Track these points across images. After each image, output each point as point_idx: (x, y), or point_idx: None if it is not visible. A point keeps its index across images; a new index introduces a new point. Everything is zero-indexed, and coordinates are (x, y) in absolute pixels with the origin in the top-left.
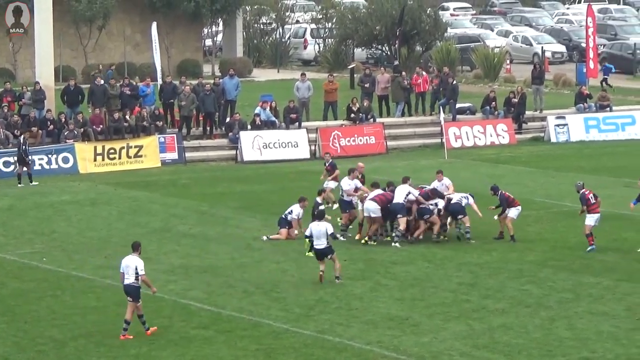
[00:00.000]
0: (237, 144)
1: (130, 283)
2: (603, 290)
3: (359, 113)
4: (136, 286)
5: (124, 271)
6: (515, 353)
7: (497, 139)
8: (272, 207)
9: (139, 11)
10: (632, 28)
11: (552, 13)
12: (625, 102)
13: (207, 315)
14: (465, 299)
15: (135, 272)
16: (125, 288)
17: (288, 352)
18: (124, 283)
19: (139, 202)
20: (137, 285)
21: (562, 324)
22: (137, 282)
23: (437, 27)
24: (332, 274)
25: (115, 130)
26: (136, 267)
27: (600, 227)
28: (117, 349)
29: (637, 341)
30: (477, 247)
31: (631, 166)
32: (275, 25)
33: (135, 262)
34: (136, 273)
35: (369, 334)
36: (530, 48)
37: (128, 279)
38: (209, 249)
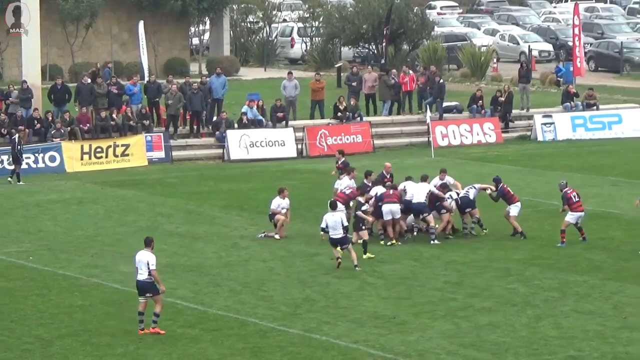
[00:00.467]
0: (224, 143)
1: (144, 279)
2: (589, 288)
3: (345, 112)
4: (151, 281)
5: (137, 266)
6: (502, 352)
7: (484, 137)
8: (259, 205)
9: (126, 10)
10: (618, 27)
11: (539, 12)
12: (612, 101)
13: (193, 314)
14: (452, 297)
15: (148, 267)
16: (139, 284)
17: (274, 351)
18: (138, 279)
19: (126, 201)
20: (151, 280)
21: (548, 322)
22: (150, 277)
23: (424, 25)
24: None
25: (102, 129)
26: (148, 262)
27: (586, 225)
28: (104, 348)
29: (623, 340)
30: (464, 245)
31: (618, 165)
32: (262, 23)
33: (148, 257)
34: (149, 268)
35: (355, 332)
36: (517, 47)
37: (142, 274)
38: (196, 247)
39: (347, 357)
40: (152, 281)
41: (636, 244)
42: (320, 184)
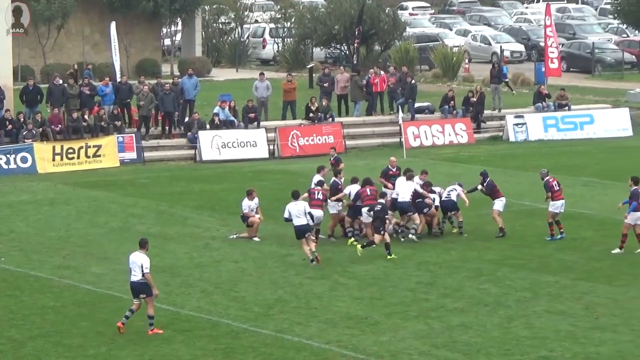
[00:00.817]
0: (196, 144)
1: (138, 280)
2: (561, 289)
3: (317, 112)
4: (144, 282)
5: (131, 267)
6: (474, 352)
7: (456, 138)
8: (231, 206)
9: (98, 11)
10: (590, 27)
11: (510, 12)
12: (584, 102)
13: (165, 315)
14: (424, 298)
15: (142, 269)
16: (133, 285)
17: (247, 352)
18: (132, 280)
19: (98, 201)
20: (145, 281)
21: (520, 322)
22: (144, 278)
23: (395, 26)
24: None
25: (74, 130)
26: (142, 264)
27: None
28: (76, 349)
29: (595, 340)
30: (436, 246)
31: (590, 165)
32: (234, 24)
33: (142, 259)
34: (142, 271)
35: (327, 333)
36: (488, 47)
37: (135, 276)
38: (168, 248)
39: (320, 358)
40: (146, 282)
41: (608, 244)
42: (292, 184)
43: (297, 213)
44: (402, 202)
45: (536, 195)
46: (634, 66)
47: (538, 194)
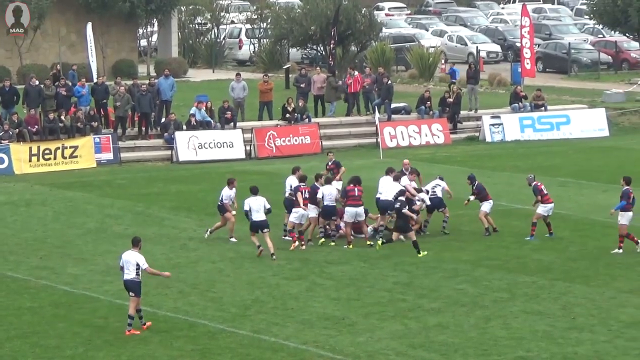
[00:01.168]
0: (173, 144)
1: (131, 279)
2: (538, 289)
3: (294, 113)
4: (137, 281)
5: (123, 265)
6: (451, 352)
7: (432, 138)
8: (208, 207)
9: (74, 11)
10: (566, 27)
11: (487, 13)
12: (560, 102)
13: (142, 316)
14: (401, 298)
15: (136, 268)
16: (126, 283)
17: (224, 352)
18: (124, 278)
19: (75, 202)
20: (138, 280)
21: (497, 323)
22: (137, 277)
23: (372, 27)
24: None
25: (50, 131)
26: (137, 262)
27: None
28: (53, 350)
29: (572, 340)
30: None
31: (566, 165)
32: (210, 25)
33: (136, 257)
34: (137, 269)
35: (305, 333)
36: (465, 48)
37: (128, 274)
38: (145, 249)
39: (297, 358)
40: (139, 281)
41: (584, 245)
42: (268, 185)
43: (256, 208)
44: (383, 201)
45: (513, 196)
46: (609, 67)
47: (515, 195)
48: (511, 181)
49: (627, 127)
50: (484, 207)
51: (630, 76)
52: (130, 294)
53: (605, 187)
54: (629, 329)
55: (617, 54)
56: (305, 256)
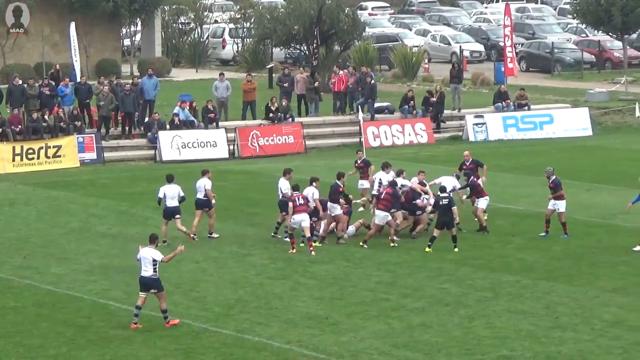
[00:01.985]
0: (156, 144)
1: (149, 276)
2: (522, 288)
3: (277, 113)
4: (155, 278)
5: (142, 263)
6: (435, 352)
7: (416, 138)
8: (191, 207)
9: (57, 11)
10: (549, 27)
11: (470, 12)
12: (544, 101)
13: (126, 315)
14: (385, 297)
15: (154, 264)
16: (144, 280)
17: (207, 352)
18: (142, 275)
19: (58, 202)
20: (156, 277)
21: (481, 322)
22: (155, 274)
23: (355, 26)
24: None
25: (33, 131)
26: (153, 259)
27: (518, 225)
28: (36, 349)
29: (555, 339)
30: (397, 246)
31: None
32: (193, 25)
33: (152, 253)
34: (154, 265)
35: (288, 333)
36: (448, 47)
37: (146, 271)
38: (129, 248)
39: (280, 358)
40: (157, 278)
41: (568, 244)
42: (251, 184)
43: (171, 195)
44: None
45: (496, 196)
46: (593, 66)
47: (498, 194)
48: (494, 180)
49: (611, 127)
50: (480, 204)
51: (614, 75)
52: (152, 291)
53: (589, 186)
54: (612, 328)
55: (601, 54)
56: (288, 256)
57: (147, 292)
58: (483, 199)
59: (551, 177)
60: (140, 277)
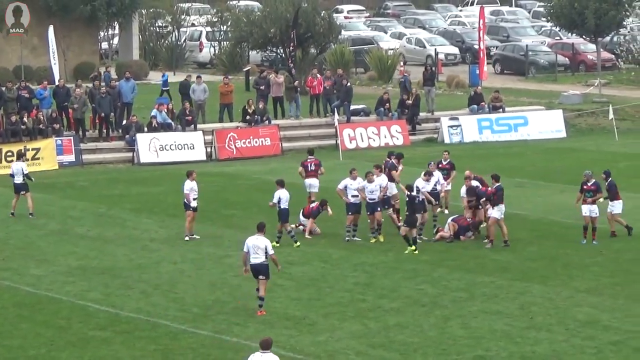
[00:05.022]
0: (134, 146)
1: (261, 262)
2: (496, 289)
3: (254, 115)
4: (266, 264)
5: (249, 251)
6: (411, 352)
7: (391, 140)
8: (169, 208)
9: (36, 15)
10: (524, 30)
11: (445, 15)
12: (518, 103)
13: (105, 316)
14: (361, 298)
15: (265, 251)
16: (256, 267)
17: (186, 353)
18: (253, 262)
19: (37, 204)
20: (266, 263)
21: (456, 322)
22: (266, 260)
23: (331, 29)
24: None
25: (12, 133)
26: (266, 247)
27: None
28: (16, 350)
29: (530, 339)
30: (373, 247)
31: (524, 166)
32: (170, 28)
33: (265, 242)
34: (266, 253)
35: (265, 333)
36: (423, 50)
37: (257, 258)
38: (107, 250)
39: None
40: (267, 264)
41: (542, 245)
42: (228, 186)
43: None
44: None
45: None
46: (567, 68)
47: None
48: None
49: (584, 129)
50: (494, 214)
51: (587, 78)
52: (260, 277)
53: (563, 187)
54: (585, 328)
55: (574, 56)
56: None
57: (257, 278)
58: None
59: (591, 180)
60: (252, 264)
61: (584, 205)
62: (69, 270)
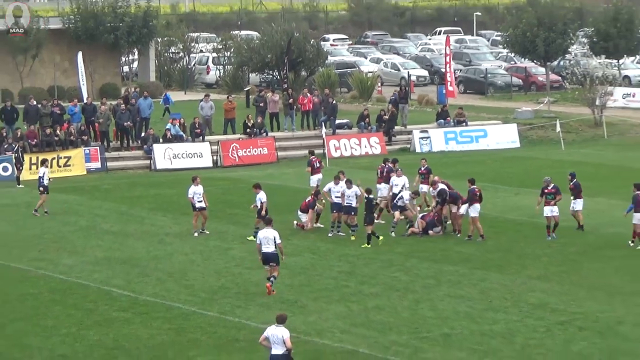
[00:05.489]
0: (151, 155)
1: (271, 251)
2: (460, 276)
3: (253, 128)
4: (275, 253)
5: (261, 242)
6: (387, 330)
7: (371, 149)
8: (181, 207)
9: (67, 42)
10: (484, 55)
11: (416, 43)
12: (479, 118)
13: (126, 300)
14: (345, 284)
15: (274, 241)
16: (266, 255)
17: (195, 331)
18: (264, 251)
19: (68, 204)
20: (276, 252)
21: (426, 305)
22: (276, 250)
23: (319, 55)
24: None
25: (47, 144)
26: (274, 237)
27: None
28: (50, 329)
29: (489, 319)
30: (354, 241)
31: (484, 172)
32: (182, 54)
33: (273, 233)
34: (275, 242)
35: (263, 314)
36: (398, 73)
37: (268, 247)
38: (128, 243)
39: (257, 336)
40: (276, 253)
41: (499, 239)
42: (232, 189)
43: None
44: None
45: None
46: (520, 88)
47: None
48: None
49: (535, 140)
50: (472, 213)
51: (538, 96)
52: (271, 264)
53: (517, 190)
54: (536, 310)
55: (527, 78)
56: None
57: (268, 265)
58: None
59: (550, 185)
60: (264, 253)
61: (546, 207)
62: (95, 260)
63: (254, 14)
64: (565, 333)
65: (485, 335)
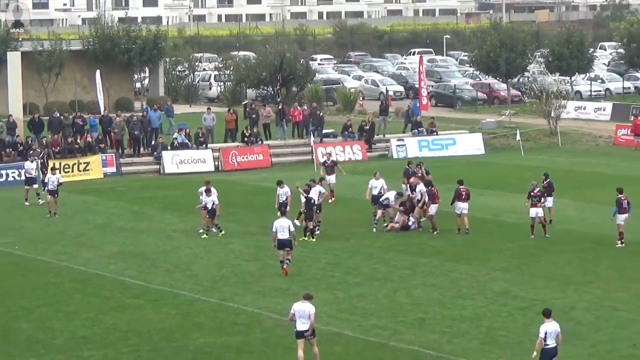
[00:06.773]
0: (160, 161)
1: (286, 238)
2: (433, 268)
3: (250, 137)
4: (290, 240)
5: (277, 230)
6: (368, 315)
7: (353, 156)
8: (187, 207)
9: (86, 62)
10: (453, 73)
11: (393, 62)
12: (448, 128)
13: (138, 289)
14: (331, 275)
15: (289, 229)
16: (281, 241)
17: (199, 315)
18: (280, 238)
19: (87, 204)
20: (290, 239)
21: (402, 293)
22: (290, 236)
23: (308, 73)
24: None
25: (69, 151)
26: (289, 226)
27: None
28: (71, 314)
29: (458, 305)
30: (338, 236)
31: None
32: (188, 72)
33: (288, 222)
34: (289, 231)
35: (259, 301)
36: (377, 88)
37: (283, 235)
38: (140, 239)
39: (254, 319)
40: (291, 240)
41: (467, 235)
42: (231, 190)
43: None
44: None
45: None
46: (485, 102)
47: None
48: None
49: (498, 147)
50: (431, 211)
51: (500, 109)
52: (286, 249)
53: (482, 191)
54: (500, 297)
55: (490, 93)
56: (258, 244)
57: (283, 250)
58: (434, 205)
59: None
60: (279, 239)
61: (532, 209)
62: (111, 254)
63: (251, 37)
64: (525, 317)
65: (455, 319)
